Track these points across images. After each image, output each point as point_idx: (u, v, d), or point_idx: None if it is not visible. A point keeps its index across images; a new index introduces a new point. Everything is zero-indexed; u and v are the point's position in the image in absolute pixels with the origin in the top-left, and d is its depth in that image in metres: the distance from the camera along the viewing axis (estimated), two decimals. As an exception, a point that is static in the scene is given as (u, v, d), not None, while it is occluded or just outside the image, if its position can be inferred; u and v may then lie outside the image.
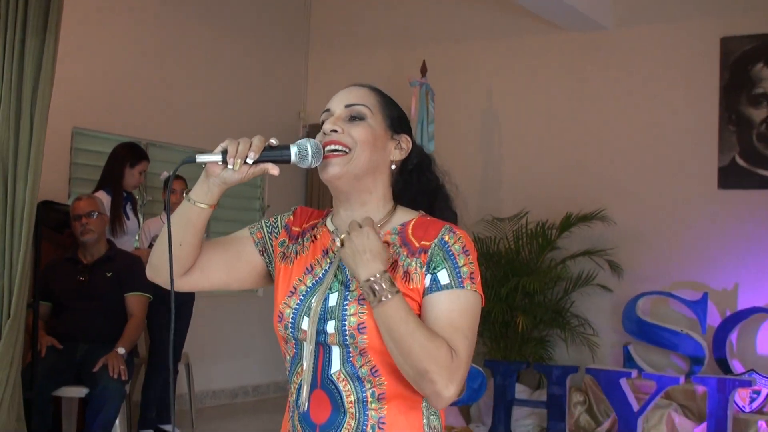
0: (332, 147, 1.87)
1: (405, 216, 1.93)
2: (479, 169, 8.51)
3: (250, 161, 1.80)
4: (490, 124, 8.53)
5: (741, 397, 6.73)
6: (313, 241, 1.99)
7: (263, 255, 2.01)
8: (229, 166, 1.81)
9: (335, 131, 1.88)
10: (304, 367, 1.86)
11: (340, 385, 1.83)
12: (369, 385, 1.82)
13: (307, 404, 1.86)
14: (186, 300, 6.78)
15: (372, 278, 1.74)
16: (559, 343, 7.88)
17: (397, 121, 1.97)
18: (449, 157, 8.02)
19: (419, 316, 1.81)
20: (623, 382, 6.81)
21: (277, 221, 2.05)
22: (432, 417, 1.88)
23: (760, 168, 7.46)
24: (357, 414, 1.83)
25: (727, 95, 7.58)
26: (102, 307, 5.62)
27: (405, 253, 1.85)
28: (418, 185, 2.00)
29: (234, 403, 8.40)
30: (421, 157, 2.03)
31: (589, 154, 8.06)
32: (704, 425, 6.65)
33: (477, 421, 7.58)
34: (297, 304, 1.89)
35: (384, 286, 1.73)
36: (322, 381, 1.85)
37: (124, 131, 7.29)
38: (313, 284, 1.90)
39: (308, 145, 1.84)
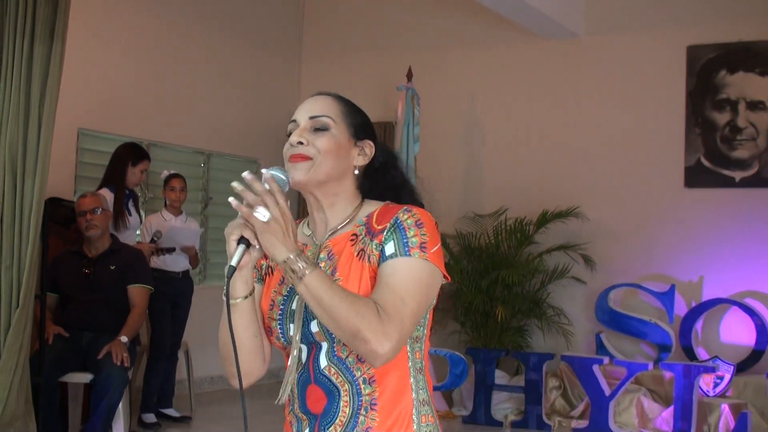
0: (296, 159, 1.86)
1: (371, 207, 1.92)
2: (462, 169, 8.52)
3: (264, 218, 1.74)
4: (472, 126, 8.54)
5: (705, 382, 6.76)
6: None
7: (261, 283, 2.02)
8: (255, 245, 1.77)
9: (301, 143, 1.88)
10: (290, 368, 1.88)
11: (333, 378, 1.84)
12: (358, 372, 1.82)
13: (300, 398, 1.88)
14: (186, 292, 6.78)
15: (288, 259, 1.71)
16: (536, 332, 7.90)
17: (360, 128, 1.94)
18: (433, 157, 8.12)
19: None
20: (596, 368, 6.83)
21: None
22: (421, 391, 1.86)
23: (723, 168, 7.50)
24: (351, 401, 1.83)
25: (693, 100, 7.61)
26: (106, 298, 5.60)
27: (369, 240, 1.85)
28: (383, 183, 1.98)
29: (230, 388, 8.39)
30: (386, 157, 2.01)
31: (564, 155, 8.09)
32: (671, 409, 6.67)
33: (459, 405, 7.60)
34: (279, 315, 1.90)
35: (300, 264, 1.70)
36: (315, 377, 1.86)
37: (127, 132, 7.27)
38: (288, 292, 1.91)
39: (281, 174, 1.82)
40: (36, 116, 4.77)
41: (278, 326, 1.90)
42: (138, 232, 6.66)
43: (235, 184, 1.73)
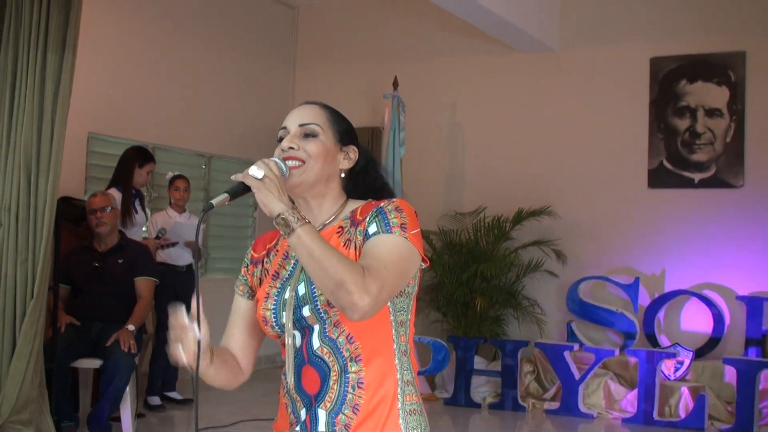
0: (290, 162, 1.89)
1: (354, 205, 1.94)
2: (444, 171, 8.52)
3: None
4: (454, 131, 8.55)
5: (667, 366, 6.78)
6: (275, 254, 2.01)
7: (252, 299, 2.04)
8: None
9: (292, 148, 1.90)
10: (288, 352, 1.88)
11: (325, 357, 1.84)
12: (347, 352, 1.82)
13: (295, 379, 1.88)
14: (189, 283, 6.75)
15: (283, 211, 1.73)
16: (512, 321, 7.92)
17: (345, 134, 1.97)
18: (418, 160, 8.13)
19: None
20: (566, 354, 6.86)
21: (245, 264, 2.08)
22: (405, 372, 1.87)
23: (683, 170, 7.52)
24: (339, 378, 1.84)
25: (656, 108, 7.63)
26: (114, 289, 5.58)
27: (353, 230, 1.86)
28: (365, 185, 2.00)
29: (230, 373, 8.36)
30: (367, 161, 2.02)
31: (538, 158, 8.10)
32: (635, 391, 6.70)
33: (441, 389, 7.60)
34: (273, 305, 1.91)
35: (295, 216, 1.72)
36: (309, 358, 1.86)
37: (134, 136, 7.26)
38: (281, 285, 1.92)
39: (281, 164, 1.86)
40: (49, 120, 4.75)
41: (272, 315, 1.90)
42: (144, 228, 6.64)
43: (233, 177, 1.79)
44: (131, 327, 5.38)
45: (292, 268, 1.93)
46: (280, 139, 1.95)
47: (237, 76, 8.59)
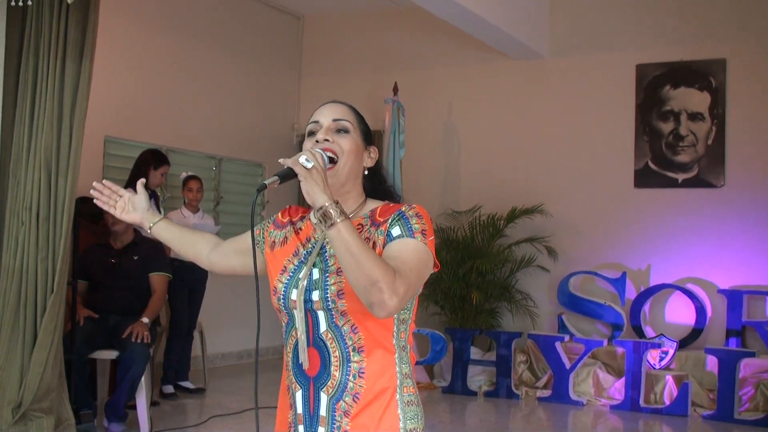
0: (327, 154, 1.84)
1: (373, 204, 1.92)
2: (441, 171, 8.51)
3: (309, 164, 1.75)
4: (451, 134, 8.53)
5: (652, 356, 6.77)
6: (297, 232, 1.97)
7: (257, 246, 2.02)
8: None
9: (327, 140, 1.87)
10: (299, 330, 1.85)
11: (328, 342, 1.82)
12: (350, 341, 1.80)
13: (307, 361, 1.85)
14: (201, 279, 6.75)
15: (326, 204, 1.67)
16: (506, 314, 7.90)
17: (368, 135, 1.97)
18: (416, 161, 8.13)
19: None
20: (558, 345, 6.85)
21: (270, 219, 2.06)
22: (404, 366, 1.85)
23: (668, 171, 7.51)
24: (341, 366, 1.82)
25: (642, 112, 7.62)
26: (130, 284, 5.58)
27: (373, 230, 1.83)
28: (376, 184, 1.99)
29: (240, 364, 8.38)
30: (377, 163, 2.03)
31: (530, 159, 8.09)
32: (623, 380, 6.70)
33: (439, 378, 7.59)
34: (287, 280, 1.88)
35: (337, 211, 1.67)
36: (314, 340, 1.84)
37: (148, 139, 7.25)
38: (299, 263, 1.89)
39: (326, 157, 1.82)
40: (68, 124, 4.74)
41: (283, 288, 1.88)
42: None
43: (282, 160, 1.76)
44: (146, 319, 5.38)
45: (311, 249, 1.90)
46: (310, 133, 1.91)
47: (246, 82, 8.58)
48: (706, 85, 7.36)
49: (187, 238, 2.19)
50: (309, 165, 1.70)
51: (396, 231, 1.79)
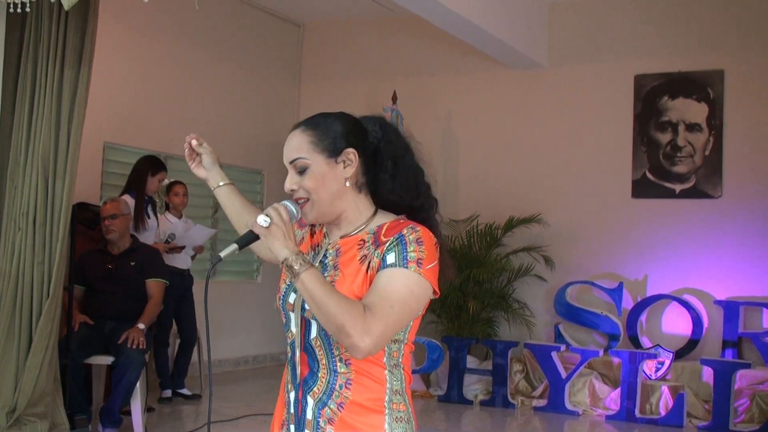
0: (298, 201, 1.85)
1: (382, 219, 1.88)
2: (439, 180, 8.37)
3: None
4: (449, 143, 8.56)
5: (648, 367, 6.78)
6: (312, 235, 1.99)
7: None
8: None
9: (293, 190, 1.87)
10: (293, 333, 1.88)
11: (316, 349, 1.84)
12: (338, 351, 1.81)
13: (298, 364, 1.87)
14: (189, 286, 6.75)
15: (287, 258, 1.72)
16: (502, 323, 7.91)
17: (336, 143, 1.86)
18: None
19: None
20: (554, 354, 6.86)
21: (297, 218, 2.08)
22: (395, 382, 1.84)
23: (665, 181, 7.53)
24: (328, 374, 1.83)
25: (640, 122, 7.64)
26: (126, 290, 5.59)
27: (373, 248, 1.82)
28: (376, 168, 1.90)
29: (237, 370, 8.39)
30: (383, 132, 1.93)
31: (528, 169, 8.11)
32: (619, 390, 6.70)
33: (435, 386, 7.60)
34: (288, 283, 1.90)
35: (299, 262, 1.70)
36: (305, 344, 1.85)
37: (147, 145, 7.27)
38: None
39: (292, 207, 1.83)
40: (65, 130, 4.77)
41: (284, 290, 1.90)
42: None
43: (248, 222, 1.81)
44: (141, 325, 5.39)
45: (313, 258, 1.92)
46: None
47: (245, 89, 8.61)
48: (703, 95, 7.38)
49: (238, 211, 2.22)
50: (266, 223, 1.74)
51: (390, 258, 1.77)
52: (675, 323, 7.34)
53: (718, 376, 6.34)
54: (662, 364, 6.82)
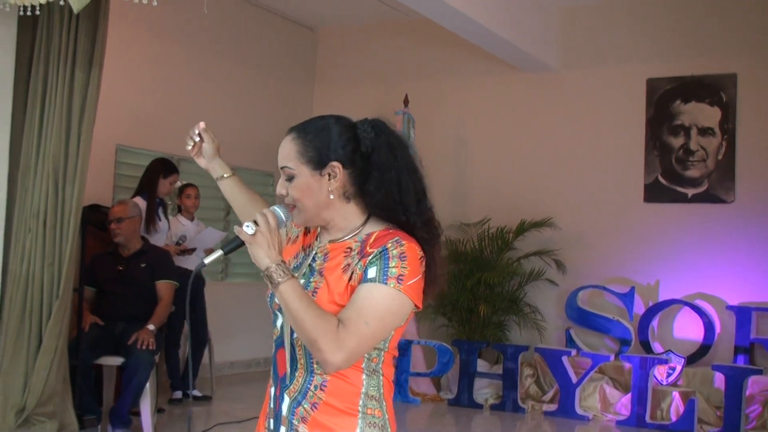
0: (283, 209, 1.88)
1: (372, 228, 1.87)
2: (451, 183, 8.51)
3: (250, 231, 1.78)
4: (460, 146, 8.54)
5: (660, 372, 6.74)
6: (306, 233, 2.00)
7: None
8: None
9: (283, 194, 1.89)
10: (278, 330, 1.90)
11: (297, 349, 1.86)
12: (320, 367, 1.82)
13: (281, 359, 1.89)
14: (199, 288, 6.76)
15: (268, 268, 1.74)
16: (513, 327, 7.88)
17: (321, 156, 1.85)
18: (426, 173, 8.06)
19: None
20: (565, 359, 6.83)
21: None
22: (371, 388, 1.84)
23: (677, 185, 7.48)
24: (304, 374, 1.84)
25: (652, 126, 7.60)
26: (137, 292, 5.61)
27: (357, 258, 1.82)
28: (368, 177, 1.87)
29: (248, 372, 8.40)
30: (376, 134, 1.89)
31: (540, 172, 8.08)
32: (629, 395, 6.66)
33: (446, 390, 7.58)
34: None
35: (277, 273, 1.73)
36: (287, 343, 1.88)
37: (159, 148, 7.30)
38: (294, 267, 1.93)
39: (281, 212, 1.84)
40: (76, 132, 4.80)
41: (271, 291, 1.91)
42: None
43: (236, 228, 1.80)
44: (151, 327, 5.41)
45: (303, 259, 1.94)
46: None
47: (259, 92, 8.63)
48: (716, 100, 7.34)
49: (243, 204, 2.25)
50: (251, 231, 1.75)
51: (371, 273, 1.77)
52: (687, 328, 7.29)
53: (729, 382, 6.29)
54: (673, 369, 6.77)
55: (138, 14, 7.03)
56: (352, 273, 1.81)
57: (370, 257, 1.79)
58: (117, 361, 5.40)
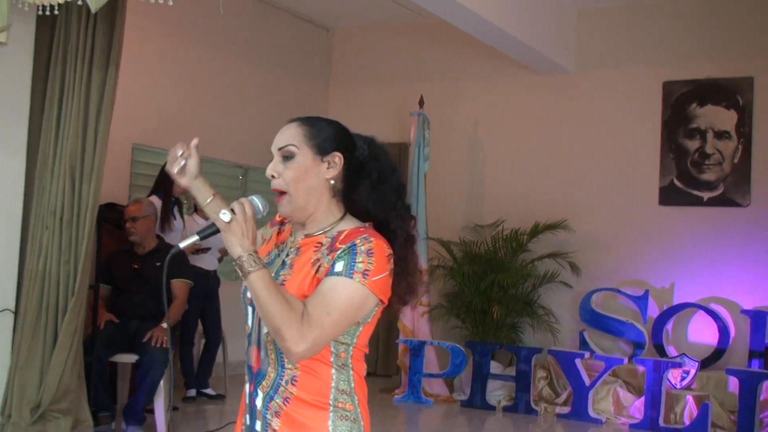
0: (275, 192, 1.93)
1: (346, 225, 1.93)
2: (465, 185, 8.51)
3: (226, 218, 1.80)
4: (475, 148, 8.54)
5: (673, 375, 6.70)
6: (279, 233, 2.06)
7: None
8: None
9: (273, 177, 1.93)
10: (249, 326, 1.96)
11: (268, 345, 1.90)
12: (284, 355, 1.86)
13: (253, 355, 1.94)
14: (215, 287, 6.79)
15: (240, 256, 1.77)
16: (527, 329, 7.87)
17: (326, 143, 1.93)
18: (441, 174, 8.15)
19: None
20: (578, 361, 6.81)
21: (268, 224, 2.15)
22: (342, 382, 1.88)
23: (693, 189, 7.45)
24: (275, 369, 1.89)
25: (668, 129, 7.57)
26: (151, 290, 5.63)
27: (327, 254, 1.87)
28: (359, 180, 1.95)
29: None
30: (370, 150, 1.98)
31: (555, 174, 8.07)
32: (643, 398, 6.63)
33: (458, 391, 7.58)
34: None
35: (249, 263, 1.75)
36: (258, 338, 1.93)
37: (175, 148, 7.32)
38: (266, 263, 1.94)
39: (259, 202, 1.87)
40: (93, 131, 4.83)
41: (244, 285, 1.94)
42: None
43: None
44: (165, 325, 5.43)
45: (276, 256, 1.99)
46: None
47: (274, 92, 8.65)
48: (733, 103, 7.30)
49: None
50: (227, 219, 1.78)
51: (338, 266, 1.82)
52: (701, 332, 7.26)
53: (743, 387, 6.25)
54: (687, 373, 6.74)
55: (154, 14, 7.07)
56: (320, 266, 1.86)
57: (339, 252, 1.84)
58: (131, 358, 5.42)
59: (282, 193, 1.92)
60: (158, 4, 4.34)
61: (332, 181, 1.93)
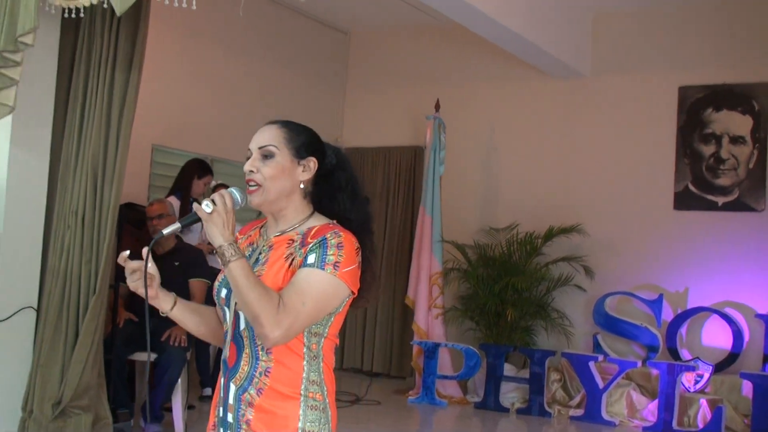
0: (250, 184, 2.02)
1: (315, 222, 2.04)
2: (480, 189, 8.53)
3: (209, 209, 1.90)
4: (490, 152, 8.56)
5: (687, 379, 6.70)
6: (248, 238, 2.15)
7: None
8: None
9: (252, 171, 2.02)
10: (227, 324, 2.03)
11: (244, 340, 1.99)
12: (259, 340, 1.94)
13: (229, 351, 2.02)
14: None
15: (221, 246, 1.87)
16: (541, 332, 7.88)
17: (304, 148, 2.06)
18: (456, 178, 8.16)
19: None
20: (592, 364, 6.81)
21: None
22: (312, 373, 1.97)
23: (707, 194, 7.45)
24: (249, 361, 1.97)
25: (683, 134, 7.57)
26: (170, 289, 5.61)
27: (299, 248, 1.97)
28: (334, 184, 2.09)
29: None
30: (337, 159, 2.11)
31: (569, 178, 8.08)
32: (656, 401, 6.63)
33: (472, 393, 7.60)
34: (222, 278, 2.05)
35: (231, 251, 1.86)
36: (234, 335, 2.01)
37: (194, 149, 7.39)
38: None
39: (238, 194, 1.98)
40: (115, 133, 4.89)
41: (217, 286, 2.07)
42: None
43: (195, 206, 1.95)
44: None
45: (249, 255, 2.07)
46: (247, 159, 2.06)
47: (291, 95, 8.70)
48: (748, 108, 7.30)
49: (200, 314, 2.18)
50: (209, 210, 1.88)
51: (311, 259, 1.93)
52: (715, 336, 7.25)
53: (757, 390, 6.25)
54: (701, 376, 6.74)
55: (175, 17, 7.14)
56: (293, 260, 1.96)
57: (310, 245, 1.95)
58: (150, 356, 5.47)
59: (257, 186, 2.01)
60: (180, 7, 4.40)
61: (302, 185, 2.05)
